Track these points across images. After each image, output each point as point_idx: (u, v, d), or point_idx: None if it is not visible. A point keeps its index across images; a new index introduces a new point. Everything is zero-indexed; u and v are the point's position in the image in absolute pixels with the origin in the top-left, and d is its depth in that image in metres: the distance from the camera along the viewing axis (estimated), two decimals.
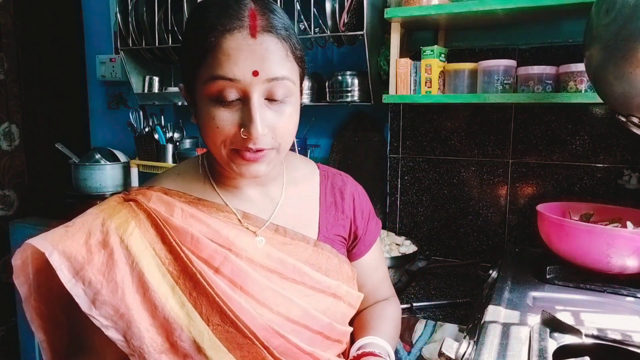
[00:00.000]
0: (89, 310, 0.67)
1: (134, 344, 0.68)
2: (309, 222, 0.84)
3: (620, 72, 0.90)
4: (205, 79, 0.67)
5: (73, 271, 0.67)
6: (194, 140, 2.18)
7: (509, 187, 1.63)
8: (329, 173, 0.91)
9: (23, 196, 2.54)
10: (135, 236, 0.71)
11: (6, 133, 2.45)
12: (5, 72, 2.43)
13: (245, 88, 0.66)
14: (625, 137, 1.46)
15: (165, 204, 0.75)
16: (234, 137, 0.68)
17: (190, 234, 0.72)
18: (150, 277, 0.69)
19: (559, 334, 0.84)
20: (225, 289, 0.71)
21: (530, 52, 1.56)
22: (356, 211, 0.89)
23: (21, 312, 2.09)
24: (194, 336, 0.68)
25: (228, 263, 0.72)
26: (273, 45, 0.67)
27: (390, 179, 1.81)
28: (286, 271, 0.76)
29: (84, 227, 0.71)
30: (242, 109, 0.68)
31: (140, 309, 0.68)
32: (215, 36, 0.66)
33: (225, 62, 0.65)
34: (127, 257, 0.69)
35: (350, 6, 1.60)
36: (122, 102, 2.43)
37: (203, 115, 0.69)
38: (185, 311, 0.69)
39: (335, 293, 0.80)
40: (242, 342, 0.70)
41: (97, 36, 2.41)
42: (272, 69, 0.67)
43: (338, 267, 0.83)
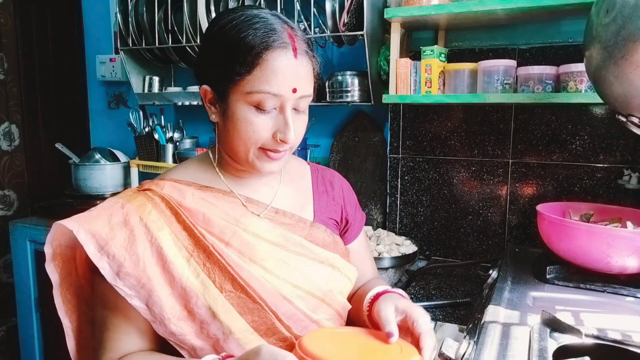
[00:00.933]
0: (114, 281, 0.75)
1: (155, 311, 0.75)
2: (305, 206, 0.94)
3: (620, 72, 0.90)
4: (250, 90, 0.75)
5: (98, 246, 0.75)
6: (194, 140, 2.18)
7: (509, 187, 1.63)
8: (318, 168, 1.03)
9: (23, 196, 2.54)
10: (152, 216, 0.79)
11: (6, 133, 2.45)
12: (5, 72, 2.43)
13: (283, 101, 0.77)
14: (625, 137, 1.46)
15: (178, 190, 0.83)
16: (267, 139, 0.79)
17: (202, 214, 0.81)
18: (167, 250, 0.77)
19: (559, 334, 0.84)
20: (235, 259, 0.79)
21: (530, 52, 1.56)
22: (345, 199, 1.01)
23: (21, 312, 2.10)
24: (209, 303, 0.76)
25: (237, 237, 0.81)
26: (307, 67, 0.80)
27: (390, 179, 1.81)
28: (288, 244, 0.85)
29: (105, 210, 0.80)
30: (277, 117, 0.78)
31: (160, 279, 0.76)
32: (265, 53, 0.75)
33: (273, 79, 0.75)
34: (147, 234, 0.78)
35: (350, 6, 1.60)
36: (122, 102, 2.43)
37: (240, 120, 0.78)
38: (200, 280, 0.77)
39: (333, 264, 0.90)
40: (252, 307, 0.78)
41: (97, 36, 2.41)
42: (305, 88, 0.79)
43: (333, 244, 0.92)
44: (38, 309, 2.06)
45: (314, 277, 0.85)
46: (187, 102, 2.04)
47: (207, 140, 2.18)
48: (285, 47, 0.76)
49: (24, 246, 2.03)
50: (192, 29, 1.83)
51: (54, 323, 2.06)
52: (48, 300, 2.02)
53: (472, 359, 0.78)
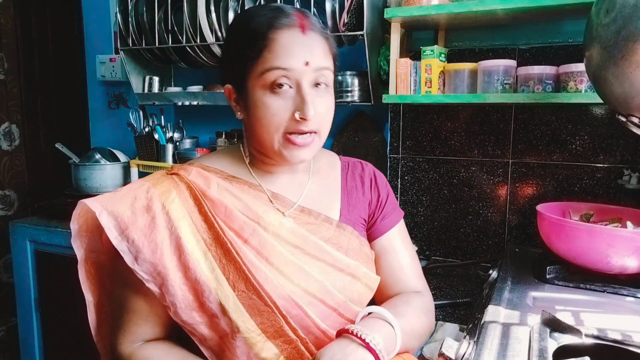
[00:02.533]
0: (132, 265, 0.76)
1: (168, 298, 0.76)
2: (332, 205, 0.91)
3: (620, 72, 0.90)
4: (262, 71, 0.76)
5: (119, 230, 0.76)
6: (194, 140, 2.18)
7: (509, 187, 1.63)
8: (350, 162, 0.99)
9: (23, 196, 2.54)
10: (175, 204, 0.79)
11: (6, 133, 2.45)
12: (5, 72, 2.43)
13: (297, 77, 0.76)
14: (625, 137, 1.46)
15: (204, 178, 0.83)
16: (287, 122, 0.77)
17: (224, 206, 0.80)
18: (186, 241, 0.77)
19: (559, 334, 0.84)
20: (252, 259, 0.78)
21: (530, 52, 1.56)
22: (373, 193, 0.96)
23: (21, 312, 2.10)
24: (221, 299, 0.76)
25: (256, 235, 0.80)
26: (319, 41, 0.78)
27: (390, 179, 1.80)
28: (308, 247, 0.83)
29: (130, 192, 0.80)
30: (295, 97, 0.77)
31: (175, 269, 0.76)
32: (272, 33, 0.75)
33: (282, 54, 0.75)
34: (167, 222, 0.77)
35: (350, 6, 1.60)
36: (122, 102, 2.43)
37: (258, 106, 0.77)
38: (215, 275, 0.77)
39: (353, 273, 0.86)
40: (262, 310, 0.77)
41: (97, 36, 2.41)
42: (319, 60, 0.77)
43: (358, 248, 0.88)
44: (38, 309, 2.06)
45: (328, 285, 0.82)
46: (187, 102, 2.04)
47: (207, 140, 2.18)
48: (292, 25, 0.76)
49: (24, 246, 2.03)
50: (192, 29, 1.83)
51: (54, 323, 2.06)
52: (48, 300, 2.02)
53: (472, 359, 0.78)
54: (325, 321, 0.82)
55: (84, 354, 1.96)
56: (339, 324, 0.83)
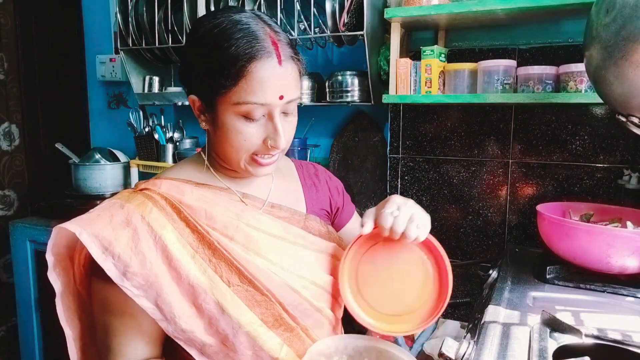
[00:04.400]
0: (121, 281, 0.74)
1: (164, 309, 0.75)
2: (298, 200, 0.97)
3: (620, 72, 0.90)
4: (236, 101, 0.76)
5: (102, 247, 0.74)
6: (194, 140, 2.18)
7: (509, 187, 1.63)
8: (302, 163, 1.06)
9: (23, 196, 2.54)
10: (154, 214, 0.79)
11: (6, 133, 2.45)
12: (5, 72, 2.43)
13: (270, 109, 0.77)
14: (625, 137, 1.46)
15: (176, 187, 0.84)
16: (258, 146, 0.80)
17: (204, 210, 0.82)
18: (172, 248, 0.77)
19: (559, 334, 0.84)
20: (240, 254, 0.80)
21: (530, 52, 1.56)
22: (331, 189, 1.04)
23: (21, 312, 2.10)
24: (217, 298, 0.77)
25: (241, 231, 0.82)
26: (292, 71, 0.79)
27: (390, 179, 1.81)
28: (289, 236, 0.88)
29: (105, 211, 0.79)
30: (266, 125, 0.79)
31: (167, 277, 0.76)
32: (249, 65, 0.74)
33: (259, 90, 0.75)
34: (150, 232, 0.77)
35: (350, 6, 1.60)
36: (122, 102, 2.43)
37: (229, 130, 0.79)
38: (207, 276, 0.78)
39: (331, 253, 0.93)
40: (259, 300, 0.80)
41: (97, 36, 2.41)
42: (292, 93, 0.79)
43: (328, 234, 0.95)
44: (38, 309, 2.06)
45: (315, 267, 0.88)
46: (187, 102, 2.04)
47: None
48: (269, 56, 0.75)
49: (24, 246, 2.03)
50: None
51: (54, 323, 2.06)
52: (48, 300, 2.02)
53: (472, 359, 0.78)
54: (319, 300, 0.87)
55: None
56: (329, 302, 0.91)
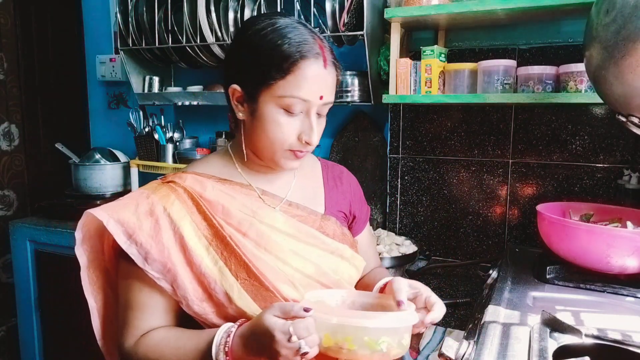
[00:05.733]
0: (143, 265, 0.82)
1: (179, 293, 0.83)
2: (317, 200, 1.00)
3: (620, 72, 0.90)
4: (282, 94, 0.81)
5: (127, 235, 0.82)
6: (194, 140, 2.18)
7: (509, 187, 1.63)
8: (328, 163, 1.09)
9: (23, 196, 2.54)
10: (175, 206, 0.85)
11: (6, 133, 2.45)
12: (5, 72, 2.43)
13: (309, 106, 0.83)
14: (625, 137, 1.46)
15: (199, 182, 0.90)
16: (291, 141, 0.85)
17: (221, 205, 0.87)
18: (188, 239, 0.83)
19: (559, 334, 0.84)
20: (251, 249, 0.85)
21: (530, 52, 1.56)
22: (353, 194, 1.07)
23: (21, 312, 2.10)
24: (226, 289, 0.83)
25: (254, 228, 0.87)
26: (334, 76, 0.86)
27: (390, 179, 1.81)
28: (301, 235, 0.91)
29: (132, 200, 0.86)
30: (303, 121, 0.84)
31: (182, 265, 0.83)
32: (299, 61, 0.81)
33: (304, 86, 0.81)
34: (170, 223, 0.84)
35: (350, 6, 1.60)
36: (122, 102, 2.43)
37: (269, 121, 0.84)
38: (218, 267, 0.84)
39: (342, 254, 0.95)
40: (265, 295, 0.84)
41: (97, 36, 2.41)
42: (330, 96, 0.86)
43: (342, 235, 0.98)
44: (38, 309, 2.06)
45: (324, 267, 0.91)
46: (187, 102, 2.04)
47: (207, 140, 2.18)
48: (317, 57, 0.82)
49: (24, 246, 2.03)
50: (192, 29, 1.83)
51: (54, 323, 2.06)
52: (48, 300, 2.02)
53: (472, 359, 0.78)
54: None
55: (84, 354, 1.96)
56: None
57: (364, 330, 0.71)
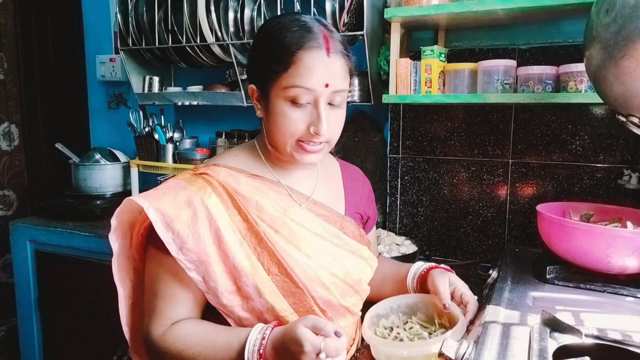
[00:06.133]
0: (177, 254, 0.83)
1: (210, 284, 0.84)
2: (338, 200, 1.03)
3: (620, 72, 0.90)
4: (286, 85, 0.83)
5: (165, 223, 0.83)
6: (194, 140, 2.18)
7: (509, 187, 1.63)
8: (345, 164, 1.12)
9: (23, 196, 2.54)
10: (212, 199, 0.87)
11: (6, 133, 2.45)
12: (5, 72, 2.43)
13: (316, 95, 0.84)
14: (625, 137, 1.46)
15: (233, 177, 0.91)
16: (302, 132, 0.85)
17: (255, 201, 0.89)
18: (224, 232, 0.85)
19: (559, 334, 0.84)
20: (283, 246, 0.88)
21: (530, 52, 1.56)
22: (368, 196, 1.11)
23: (21, 312, 2.10)
24: (257, 283, 0.85)
25: (286, 226, 0.89)
26: (340, 64, 0.85)
27: (390, 179, 1.81)
28: (327, 235, 0.94)
29: (170, 190, 0.88)
30: (312, 112, 0.85)
31: (216, 257, 0.84)
32: (299, 53, 0.82)
33: (306, 74, 0.82)
34: (207, 215, 0.85)
35: (350, 6, 1.60)
36: (122, 102, 2.43)
37: (277, 114, 0.85)
38: (250, 262, 0.86)
39: (362, 255, 0.99)
40: (294, 291, 0.87)
41: (97, 36, 2.41)
42: (338, 83, 0.85)
43: (360, 236, 1.01)
44: (38, 309, 2.06)
45: (348, 267, 0.95)
46: (187, 102, 2.04)
47: (207, 140, 2.18)
48: (318, 47, 0.82)
49: (24, 246, 2.03)
50: (192, 29, 1.83)
51: (54, 323, 2.06)
52: (48, 300, 2.02)
53: (472, 359, 0.78)
54: (345, 298, 0.95)
55: (84, 354, 1.96)
56: (356, 300, 0.99)
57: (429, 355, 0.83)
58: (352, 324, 1.01)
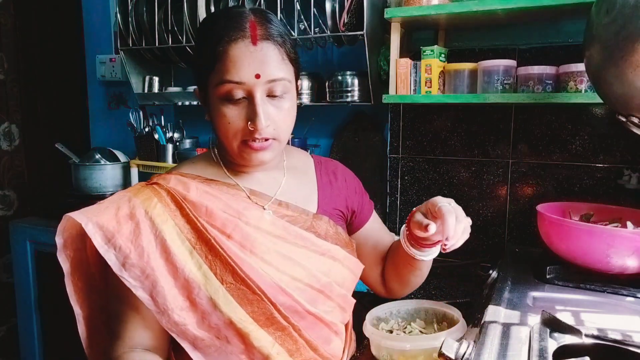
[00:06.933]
0: (120, 272, 0.78)
1: (158, 301, 0.78)
2: (309, 198, 0.96)
3: (620, 72, 0.90)
4: (216, 82, 0.79)
5: (105, 239, 0.79)
6: (194, 140, 2.18)
7: (509, 187, 1.63)
8: (321, 160, 1.05)
9: (23, 196, 2.54)
10: (157, 209, 0.82)
11: (6, 133, 2.45)
12: (5, 72, 2.43)
13: (249, 88, 0.79)
14: (625, 137, 1.45)
15: (183, 184, 0.86)
16: (242, 130, 0.81)
17: (205, 207, 0.83)
18: (171, 243, 0.80)
19: (559, 334, 0.84)
20: (236, 252, 0.81)
21: (530, 52, 1.56)
22: (349, 189, 1.03)
23: (21, 312, 2.10)
24: (210, 294, 0.79)
25: (238, 229, 0.83)
26: (271, 51, 0.80)
27: (390, 179, 1.80)
28: (289, 237, 0.87)
29: (113, 203, 0.84)
30: (248, 106, 0.80)
31: (163, 270, 0.79)
32: (222, 46, 0.78)
33: (232, 68, 0.78)
34: (151, 227, 0.80)
35: (350, 6, 1.60)
36: (122, 102, 2.43)
37: (216, 114, 0.82)
38: (202, 272, 0.80)
39: (333, 256, 0.91)
40: (252, 299, 0.80)
41: (97, 36, 2.41)
42: (271, 72, 0.79)
43: (336, 234, 0.94)
44: (38, 309, 2.06)
45: (313, 270, 0.87)
46: (187, 102, 2.04)
47: (207, 140, 2.18)
48: (242, 37, 0.78)
49: (24, 246, 2.03)
50: (192, 29, 1.83)
51: (54, 323, 2.06)
52: (48, 300, 2.02)
53: (472, 359, 0.78)
54: (314, 304, 0.86)
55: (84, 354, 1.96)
56: (329, 306, 0.89)
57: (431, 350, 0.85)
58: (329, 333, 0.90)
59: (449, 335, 0.82)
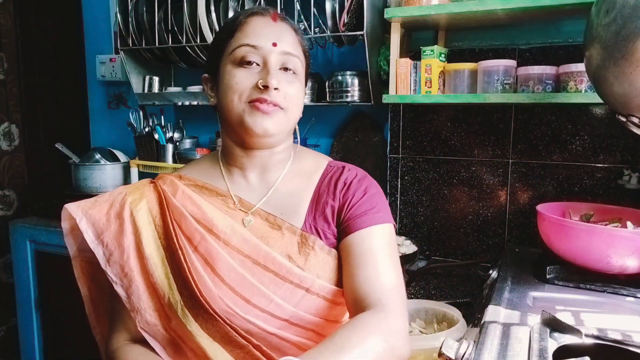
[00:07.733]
0: (105, 267, 0.81)
1: (133, 300, 0.80)
2: (297, 212, 0.85)
3: (620, 72, 0.90)
4: (232, 48, 0.81)
5: (95, 234, 0.82)
6: (194, 140, 2.18)
7: (509, 187, 1.63)
8: (335, 168, 0.90)
9: (23, 196, 2.54)
10: (142, 211, 0.83)
11: (6, 133, 2.45)
12: (5, 72, 2.43)
13: (265, 54, 0.80)
14: (625, 137, 1.46)
15: (173, 186, 0.87)
16: (251, 89, 0.79)
17: (181, 212, 0.83)
18: (146, 247, 0.81)
19: (559, 334, 0.84)
20: (197, 267, 0.79)
21: (530, 52, 1.56)
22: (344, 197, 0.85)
23: (21, 312, 2.10)
24: (172, 303, 0.79)
25: (204, 242, 0.80)
26: (288, 31, 0.84)
27: (390, 179, 1.81)
28: (259, 258, 0.80)
29: (109, 199, 0.86)
30: (261, 71, 0.80)
31: (139, 272, 0.81)
32: (245, 17, 0.83)
33: (252, 34, 0.81)
34: (133, 228, 0.82)
35: (350, 6, 1.60)
36: (122, 102, 2.43)
37: (226, 78, 0.81)
38: (168, 281, 0.80)
39: (308, 287, 0.79)
40: (206, 317, 0.78)
41: (97, 36, 2.41)
42: (287, 45, 0.82)
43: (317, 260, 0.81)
44: (38, 309, 2.06)
45: (276, 299, 0.78)
46: (187, 102, 2.04)
47: (207, 140, 2.18)
48: (264, 14, 0.84)
49: (24, 246, 2.03)
50: (192, 29, 1.83)
51: (54, 323, 2.06)
52: (48, 300, 2.02)
53: (472, 359, 0.78)
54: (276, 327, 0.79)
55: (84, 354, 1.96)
56: (292, 330, 0.80)
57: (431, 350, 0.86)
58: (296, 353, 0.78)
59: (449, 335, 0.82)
